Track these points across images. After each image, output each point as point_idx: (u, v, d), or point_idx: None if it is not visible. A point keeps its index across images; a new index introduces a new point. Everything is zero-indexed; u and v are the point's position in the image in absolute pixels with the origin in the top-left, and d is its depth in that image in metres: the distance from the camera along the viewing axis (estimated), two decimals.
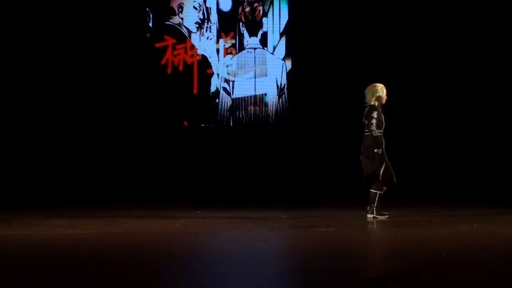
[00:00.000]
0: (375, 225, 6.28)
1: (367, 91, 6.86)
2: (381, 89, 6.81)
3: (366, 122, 6.71)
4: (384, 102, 6.83)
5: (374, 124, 6.61)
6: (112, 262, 3.89)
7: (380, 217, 6.61)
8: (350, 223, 6.55)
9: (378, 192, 6.67)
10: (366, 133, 6.73)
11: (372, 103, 6.75)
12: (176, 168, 10.84)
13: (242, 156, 11.05)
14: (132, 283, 3.25)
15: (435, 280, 3.25)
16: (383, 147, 6.70)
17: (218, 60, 11.23)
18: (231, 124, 11.30)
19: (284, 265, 3.82)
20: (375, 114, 6.65)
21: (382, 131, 6.70)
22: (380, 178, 6.66)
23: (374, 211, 6.65)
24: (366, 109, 6.78)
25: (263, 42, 11.33)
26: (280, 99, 11.32)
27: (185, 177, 10.74)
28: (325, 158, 11.05)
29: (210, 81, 11.26)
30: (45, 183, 10.04)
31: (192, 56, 11.22)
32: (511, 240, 4.97)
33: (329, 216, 7.34)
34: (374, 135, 6.62)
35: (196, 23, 11.18)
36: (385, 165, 6.69)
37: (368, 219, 6.62)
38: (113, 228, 6.04)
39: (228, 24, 11.25)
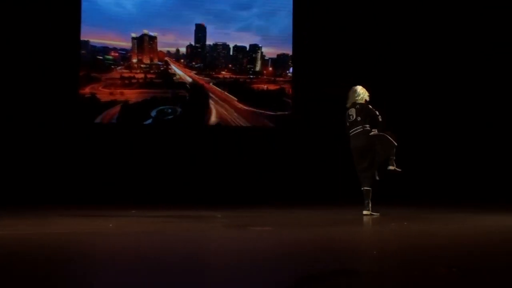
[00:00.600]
0: (308, 224, 6.33)
1: (351, 94, 7.25)
2: (362, 90, 7.26)
3: (360, 119, 7.06)
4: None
5: (377, 114, 7.03)
6: (34, 265, 3.72)
7: (375, 214, 7.07)
8: (285, 222, 6.57)
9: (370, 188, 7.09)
10: (357, 131, 7.09)
11: (361, 101, 7.18)
12: (110, 166, 10.61)
13: (177, 154, 10.93)
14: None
15: (366, 278, 3.28)
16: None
17: None
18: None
19: (215, 265, 3.77)
20: (371, 107, 7.09)
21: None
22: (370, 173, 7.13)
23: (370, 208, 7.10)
24: (356, 108, 7.11)
25: None
26: None
27: (119, 176, 10.53)
28: (263, 156, 11.11)
29: None
30: None
31: None
32: (440, 239, 5.10)
33: (266, 216, 7.36)
34: (380, 120, 7.04)
35: None
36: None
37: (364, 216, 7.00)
38: (41, 228, 5.81)
39: None
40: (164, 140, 10.95)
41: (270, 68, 11.42)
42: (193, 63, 11.22)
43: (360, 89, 7.27)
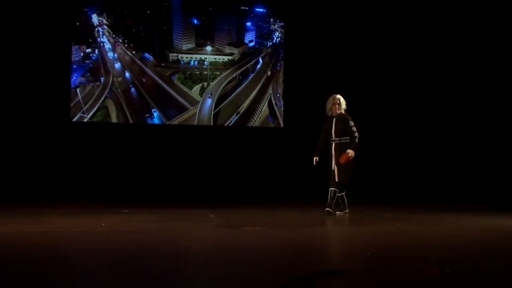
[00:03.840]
0: (300, 224, 6.33)
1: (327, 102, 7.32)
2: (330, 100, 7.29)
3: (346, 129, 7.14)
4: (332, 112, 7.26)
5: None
6: (26, 263, 3.70)
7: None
8: (277, 222, 6.56)
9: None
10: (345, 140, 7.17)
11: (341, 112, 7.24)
12: (103, 165, 10.57)
13: (171, 154, 10.90)
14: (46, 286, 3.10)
15: (359, 278, 3.28)
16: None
17: None
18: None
19: (207, 264, 3.76)
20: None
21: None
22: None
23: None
24: (336, 118, 7.21)
25: None
26: None
27: (112, 175, 10.49)
28: (253, 157, 11.09)
29: None
30: None
31: None
32: (433, 240, 5.11)
33: (257, 215, 7.34)
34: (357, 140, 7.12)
35: None
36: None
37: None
38: (33, 226, 5.78)
39: None
40: (161, 138, 10.92)
41: None
42: None
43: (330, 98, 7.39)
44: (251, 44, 11.52)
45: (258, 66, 11.54)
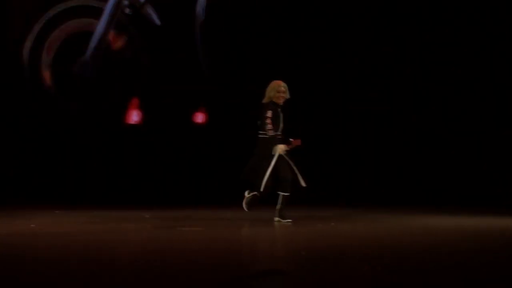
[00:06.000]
0: (238, 225, 6.35)
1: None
2: (271, 86, 6.32)
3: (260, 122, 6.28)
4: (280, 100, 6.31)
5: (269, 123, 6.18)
6: None
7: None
8: (215, 223, 6.56)
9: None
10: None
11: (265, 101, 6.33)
12: (32, 165, 10.23)
13: (105, 153, 10.68)
14: None
15: (296, 278, 3.32)
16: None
17: None
18: None
19: (144, 266, 3.70)
20: (269, 113, 6.21)
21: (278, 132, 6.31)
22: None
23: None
24: (281, 108, 6.34)
25: None
26: None
27: (43, 176, 10.18)
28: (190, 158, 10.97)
29: None
30: None
31: None
32: (363, 240, 5.22)
33: (195, 216, 7.32)
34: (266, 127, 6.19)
35: None
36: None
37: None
38: None
39: None
40: (91, 137, 10.66)
41: None
42: None
43: (271, 83, 6.37)
44: None
45: None
